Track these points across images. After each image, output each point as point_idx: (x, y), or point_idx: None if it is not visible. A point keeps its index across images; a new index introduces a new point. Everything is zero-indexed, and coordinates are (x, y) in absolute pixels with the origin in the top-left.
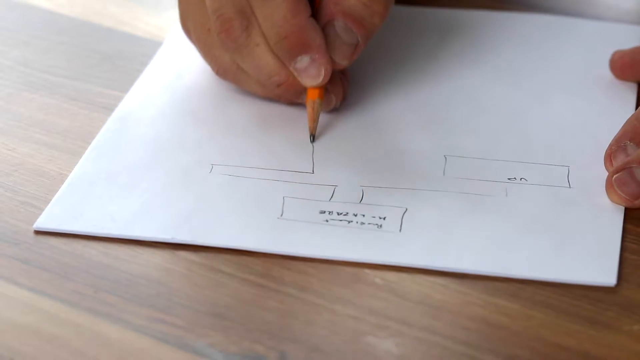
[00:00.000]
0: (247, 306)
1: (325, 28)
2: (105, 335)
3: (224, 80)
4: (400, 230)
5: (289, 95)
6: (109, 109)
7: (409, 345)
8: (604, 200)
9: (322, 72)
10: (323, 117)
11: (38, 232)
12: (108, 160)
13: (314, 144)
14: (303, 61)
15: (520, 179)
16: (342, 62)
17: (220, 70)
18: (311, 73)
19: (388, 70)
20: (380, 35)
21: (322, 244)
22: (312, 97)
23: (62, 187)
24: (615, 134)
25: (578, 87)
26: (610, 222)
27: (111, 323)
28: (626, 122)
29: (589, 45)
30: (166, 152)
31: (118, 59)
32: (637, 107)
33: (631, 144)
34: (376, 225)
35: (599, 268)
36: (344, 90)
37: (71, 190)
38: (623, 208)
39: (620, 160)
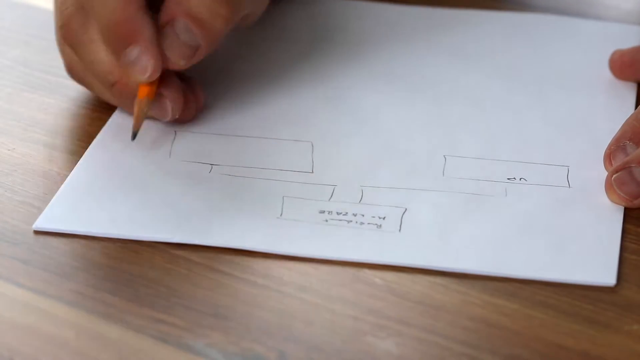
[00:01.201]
0: (246, 306)
1: (165, 27)
2: (105, 335)
3: (75, 81)
4: (399, 230)
5: (125, 97)
6: (109, 109)
7: (408, 345)
8: (604, 200)
9: (150, 65)
10: (325, 118)
11: (38, 232)
12: (108, 161)
13: (313, 143)
14: (132, 53)
15: (520, 179)
16: (179, 62)
17: (68, 68)
18: (139, 66)
19: (387, 70)
20: (379, 35)
21: (321, 244)
22: (140, 95)
23: (62, 187)
24: (614, 133)
25: (578, 87)
26: (610, 222)
27: (111, 323)
28: (625, 122)
29: (589, 45)
30: (166, 152)
31: None
32: (636, 107)
33: (630, 143)
34: (376, 225)
35: (599, 268)
36: (187, 112)
37: (71, 190)
38: (623, 208)
39: (619, 160)
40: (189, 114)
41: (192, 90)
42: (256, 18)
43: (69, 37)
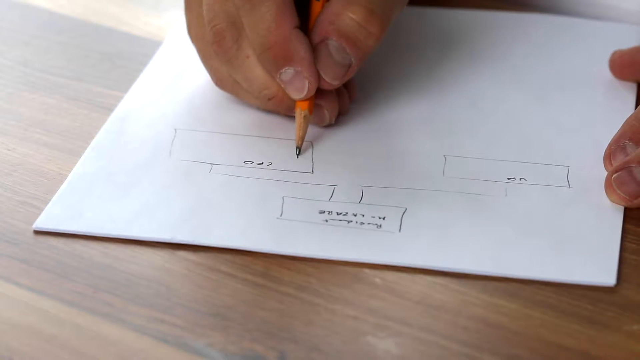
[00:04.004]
0: (246, 306)
1: (318, 46)
2: (105, 335)
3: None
4: (399, 230)
5: (281, 109)
6: (109, 109)
7: (408, 345)
8: (604, 200)
9: (306, 86)
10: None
11: (38, 232)
12: (108, 160)
13: (313, 143)
14: (287, 73)
15: (520, 179)
16: (333, 81)
17: (218, 81)
18: (295, 86)
19: (388, 70)
20: None
21: (321, 244)
22: (301, 107)
23: (62, 187)
24: (614, 133)
25: (578, 87)
26: (610, 222)
27: (111, 323)
28: (625, 121)
29: (589, 45)
30: (166, 152)
31: (118, 59)
32: (636, 107)
33: (630, 143)
34: (376, 225)
35: (599, 268)
36: (340, 106)
37: (71, 190)
38: (623, 208)
39: (619, 159)
40: (344, 108)
41: (344, 88)
42: None
43: (223, 53)
